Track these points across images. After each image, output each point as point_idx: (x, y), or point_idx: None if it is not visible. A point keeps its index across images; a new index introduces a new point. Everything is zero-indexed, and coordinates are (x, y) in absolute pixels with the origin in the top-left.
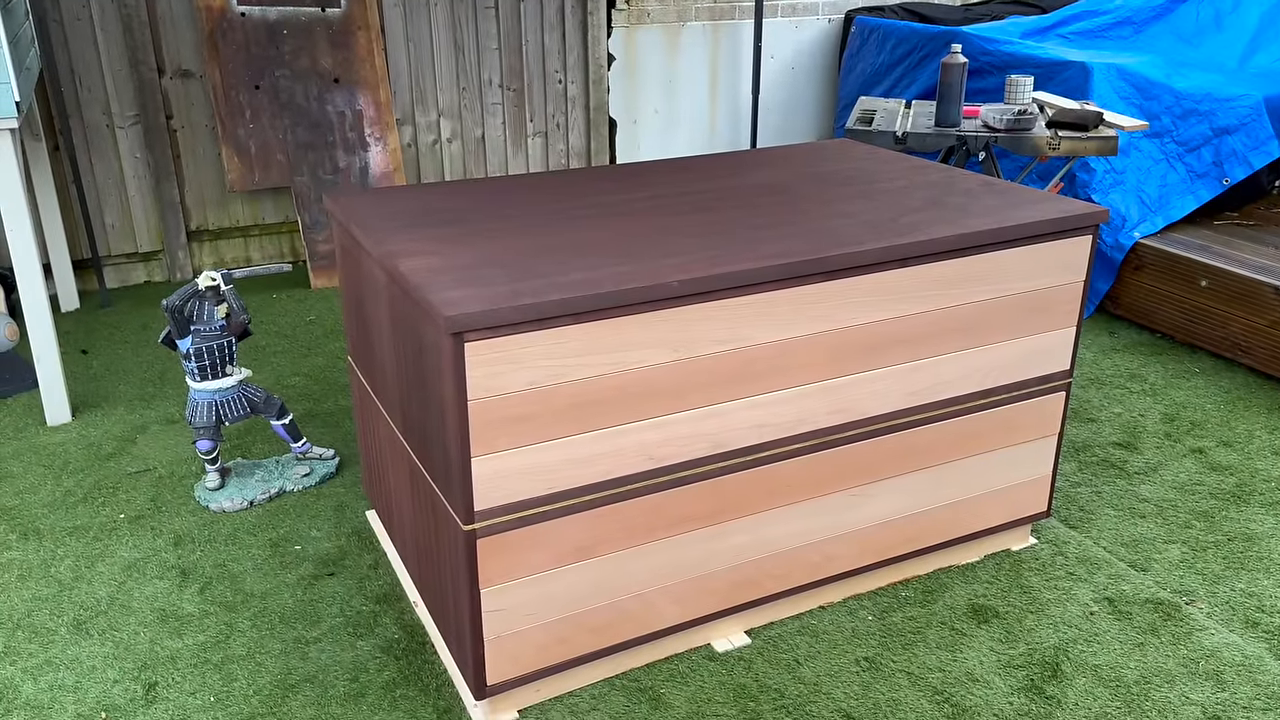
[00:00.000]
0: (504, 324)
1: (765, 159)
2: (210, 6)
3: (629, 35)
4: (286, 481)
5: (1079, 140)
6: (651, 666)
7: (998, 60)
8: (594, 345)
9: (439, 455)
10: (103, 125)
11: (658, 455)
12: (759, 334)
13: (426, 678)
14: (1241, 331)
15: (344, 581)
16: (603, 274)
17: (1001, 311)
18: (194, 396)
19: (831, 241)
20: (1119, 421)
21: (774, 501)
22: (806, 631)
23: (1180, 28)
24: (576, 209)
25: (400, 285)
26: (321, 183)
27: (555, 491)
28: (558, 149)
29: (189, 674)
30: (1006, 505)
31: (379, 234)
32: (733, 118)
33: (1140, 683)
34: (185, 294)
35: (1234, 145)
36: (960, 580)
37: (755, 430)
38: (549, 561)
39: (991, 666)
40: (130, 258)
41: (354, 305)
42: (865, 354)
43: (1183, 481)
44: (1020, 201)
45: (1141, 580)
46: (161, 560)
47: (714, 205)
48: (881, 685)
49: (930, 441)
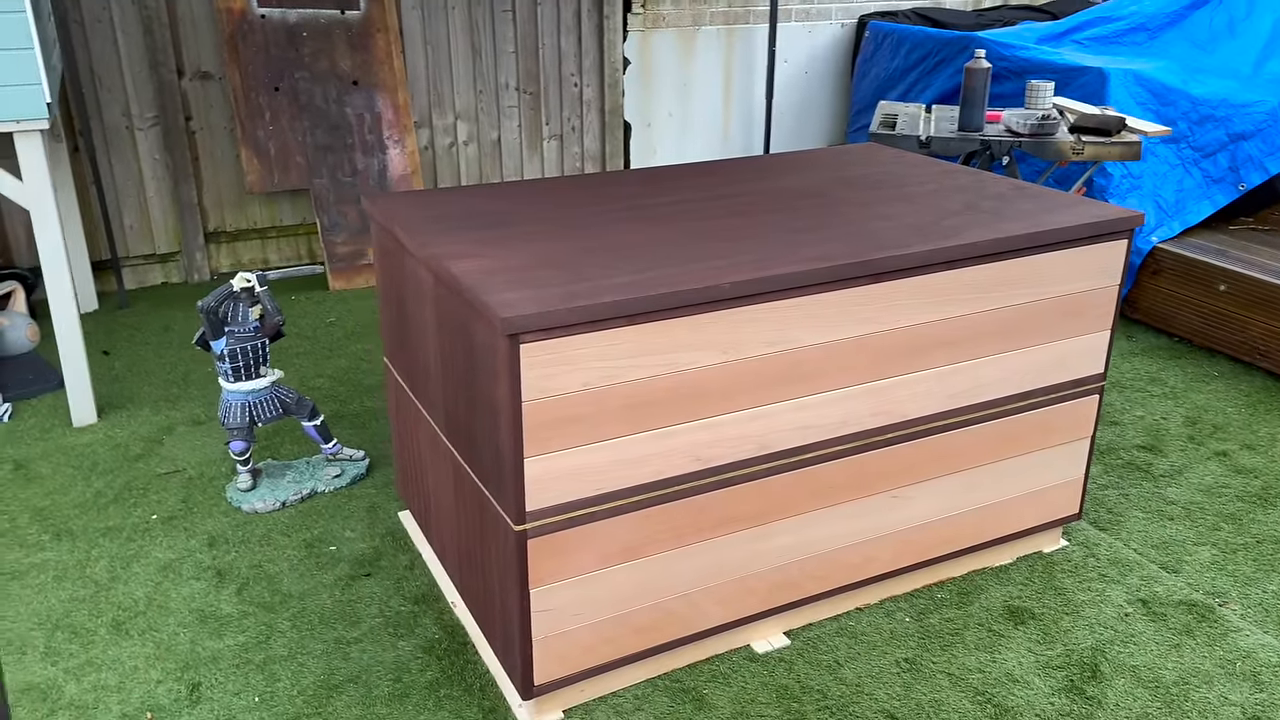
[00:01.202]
0: (559, 325)
1: (794, 163)
2: (230, 8)
3: (644, 39)
4: (318, 482)
5: (1103, 145)
6: (693, 667)
7: (1014, 65)
8: (646, 347)
9: (489, 456)
10: (122, 126)
11: (705, 456)
12: (807, 336)
13: (470, 678)
14: (1260, 335)
15: (381, 582)
16: (653, 276)
17: (1038, 315)
18: (227, 397)
19: (874, 245)
20: (1142, 425)
21: (817, 503)
22: (845, 633)
23: (1194, 34)
24: (613, 212)
25: (451, 287)
26: (340, 185)
27: (604, 492)
28: (572, 152)
29: (232, 674)
30: (1040, 507)
31: (424, 236)
32: (746, 121)
33: (1179, 683)
34: (220, 295)
35: (1250, 151)
36: (994, 582)
37: (800, 432)
38: (597, 562)
39: (1031, 667)
40: (148, 259)
41: (394, 307)
42: (908, 356)
43: (1208, 484)
44: (1055, 206)
45: (1173, 582)
46: (197, 561)
47: (749, 209)
48: (923, 686)
49: (968, 443)
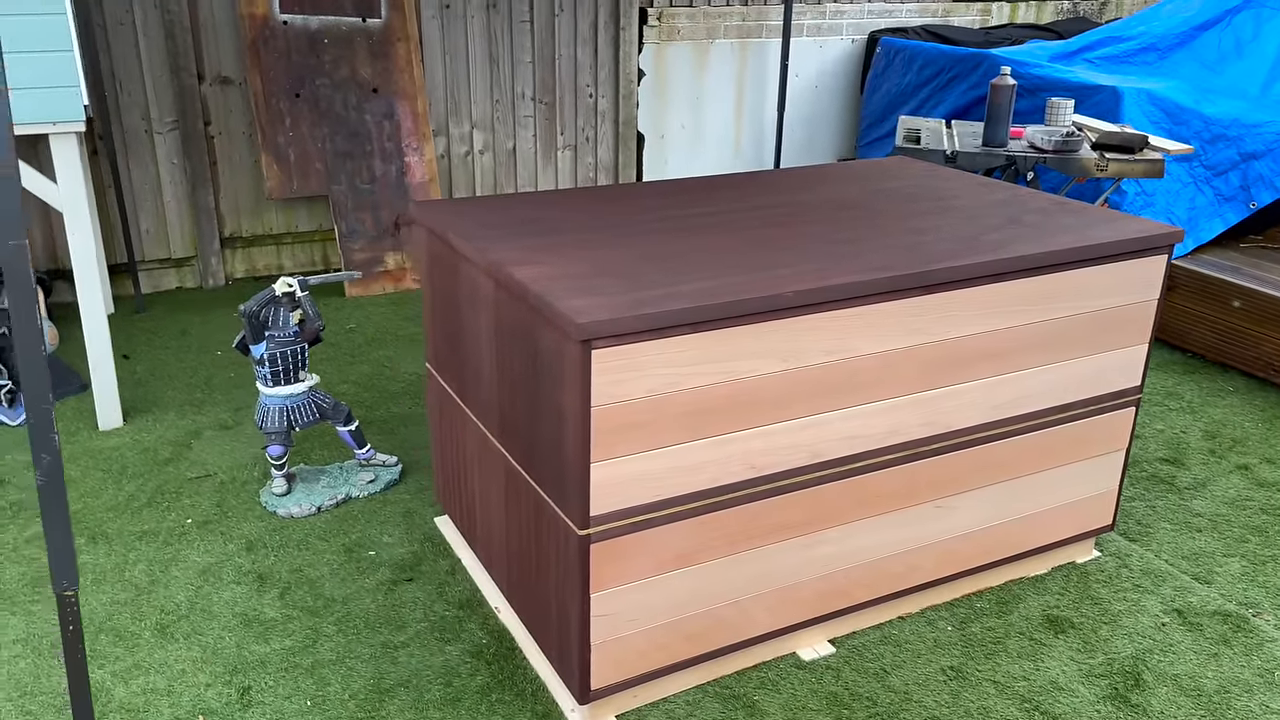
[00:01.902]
0: (629, 332)
1: (827, 175)
2: (253, 14)
3: (659, 51)
4: (352, 488)
5: (1127, 163)
6: (742, 674)
7: (1029, 83)
8: (709, 354)
9: (551, 461)
10: (141, 130)
11: (759, 464)
12: (864, 345)
13: (520, 682)
14: (1274, 352)
15: (423, 587)
16: (717, 284)
17: (1081, 328)
18: (265, 402)
19: (923, 257)
20: (1163, 438)
21: (864, 512)
22: (889, 641)
23: (1203, 55)
24: (655, 221)
25: (516, 293)
26: (358, 192)
27: (663, 499)
28: (586, 162)
29: (281, 678)
30: (1075, 517)
31: (482, 243)
32: (757, 134)
33: (1220, 692)
34: (262, 299)
35: (1261, 170)
36: (1032, 591)
37: (851, 441)
38: (653, 568)
39: (1074, 676)
40: (163, 263)
41: (442, 312)
42: (956, 367)
43: (1232, 497)
44: (1096, 221)
45: (1207, 592)
46: (236, 565)
47: (789, 220)
48: (970, 694)
49: (1010, 454)
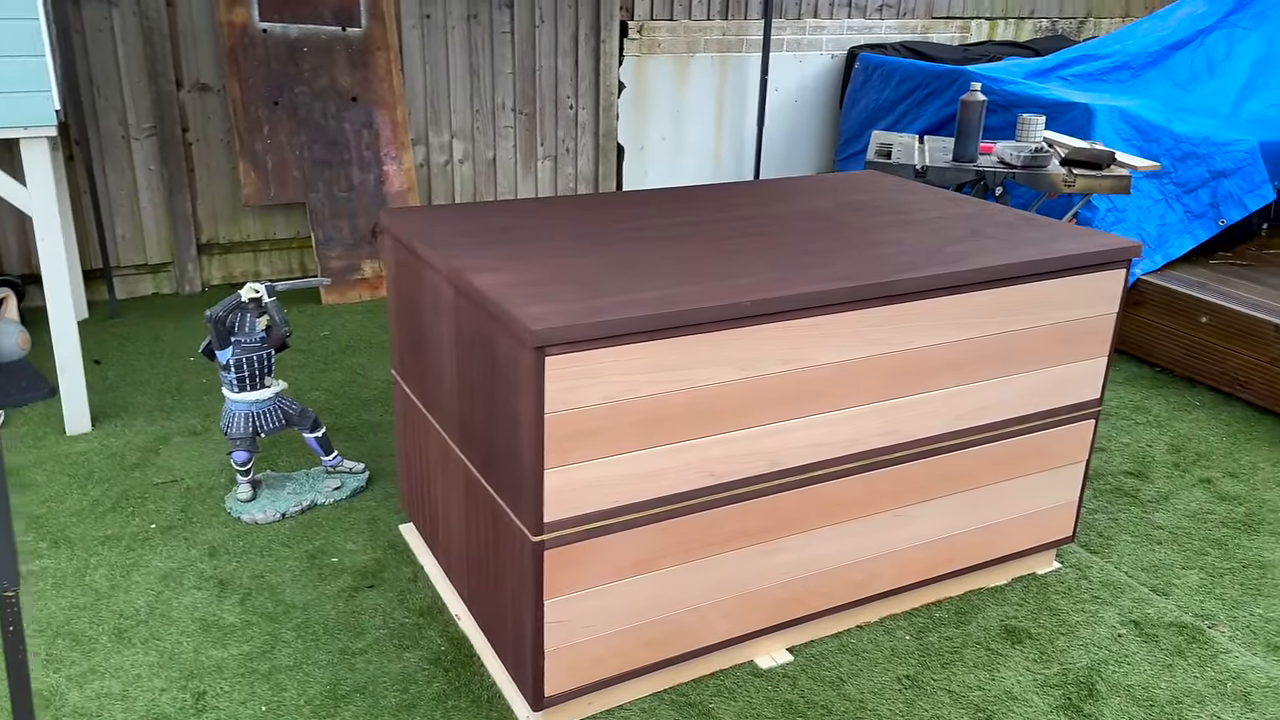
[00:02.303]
0: (583, 339)
1: (799, 188)
2: (232, 22)
3: (639, 64)
4: (318, 494)
5: (1094, 179)
6: (698, 681)
7: (1003, 99)
8: (666, 362)
9: (507, 467)
10: (118, 136)
11: (718, 472)
12: (821, 355)
13: (477, 689)
14: (1240, 367)
15: (384, 594)
16: (675, 293)
17: (1041, 340)
18: (231, 407)
19: (886, 267)
20: (1128, 451)
21: (824, 520)
22: (847, 650)
23: (1175, 73)
24: (628, 230)
25: (474, 300)
26: (335, 200)
27: (620, 505)
28: (566, 173)
29: (237, 684)
30: (1036, 529)
31: (445, 250)
32: (737, 147)
33: (1173, 703)
34: (228, 305)
35: (1230, 188)
36: (991, 602)
37: (810, 449)
38: (610, 574)
39: (1029, 685)
40: (139, 269)
41: (407, 319)
42: (916, 377)
43: (1194, 510)
44: (1059, 235)
45: (1164, 604)
46: (198, 570)
47: (760, 230)
48: (924, 703)
49: (970, 465)
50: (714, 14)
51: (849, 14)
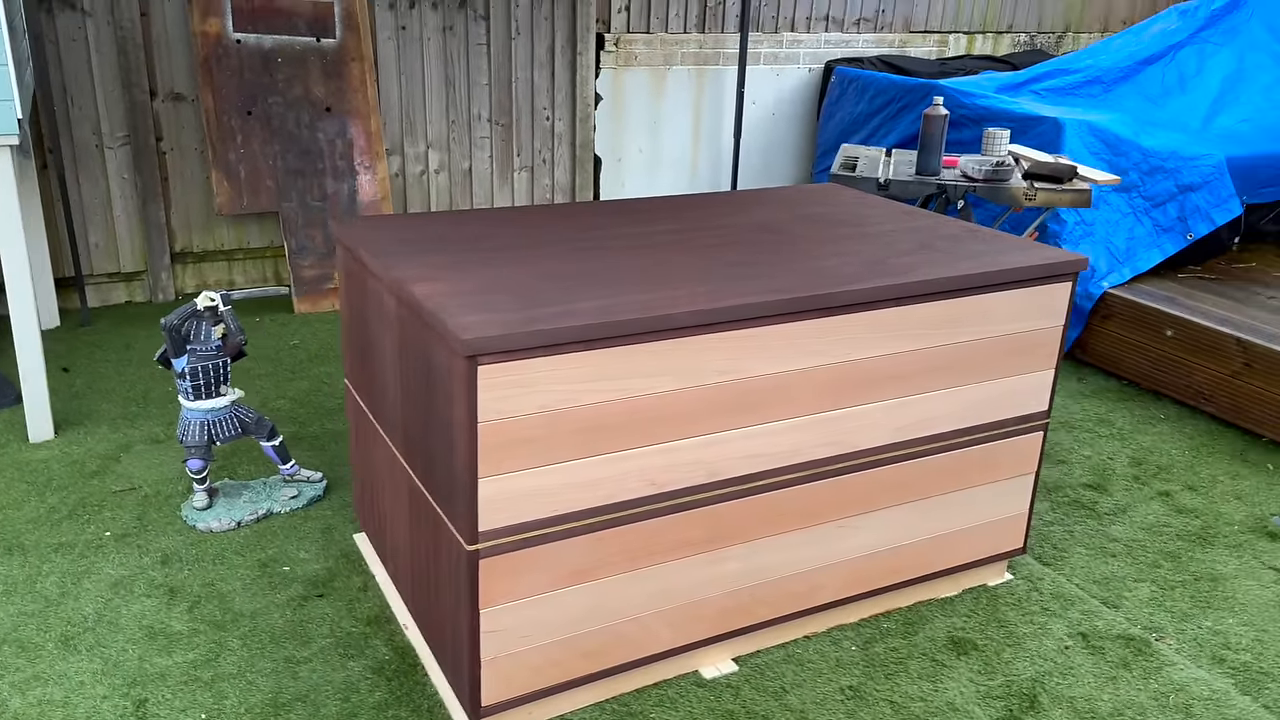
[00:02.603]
0: (517, 348)
1: (758, 199)
2: (206, 32)
3: (616, 76)
4: (274, 503)
5: (1054, 192)
6: (641, 692)
7: (974, 113)
8: (602, 372)
9: (444, 476)
10: (92, 145)
11: (659, 481)
12: (759, 366)
13: (418, 699)
14: (1204, 381)
15: (333, 603)
16: (612, 303)
17: (985, 352)
18: (186, 415)
19: (828, 279)
20: (1089, 464)
21: (767, 530)
22: (792, 660)
23: (1146, 88)
24: (579, 241)
25: (412, 309)
26: (309, 209)
27: (557, 514)
28: (543, 183)
29: (179, 691)
30: (985, 541)
31: (388, 260)
32: (714, 159)
33: (1114, 715)
34: (183, 313)
35: (1198, 202)
36: (940, 613)
37: (751, 460)
38: (548, 584)
39: (971, 697)
40: (112, 277)
41: (356, 329)
42: (857, 389)
43: (1150, 523)
44: (1005, 248)
45: (1113, 617)
46: (149, 578)
47: (712, 242)
48: (866, 713)
49: (916, 476)
50: (691, 27)
51: (826, 28)
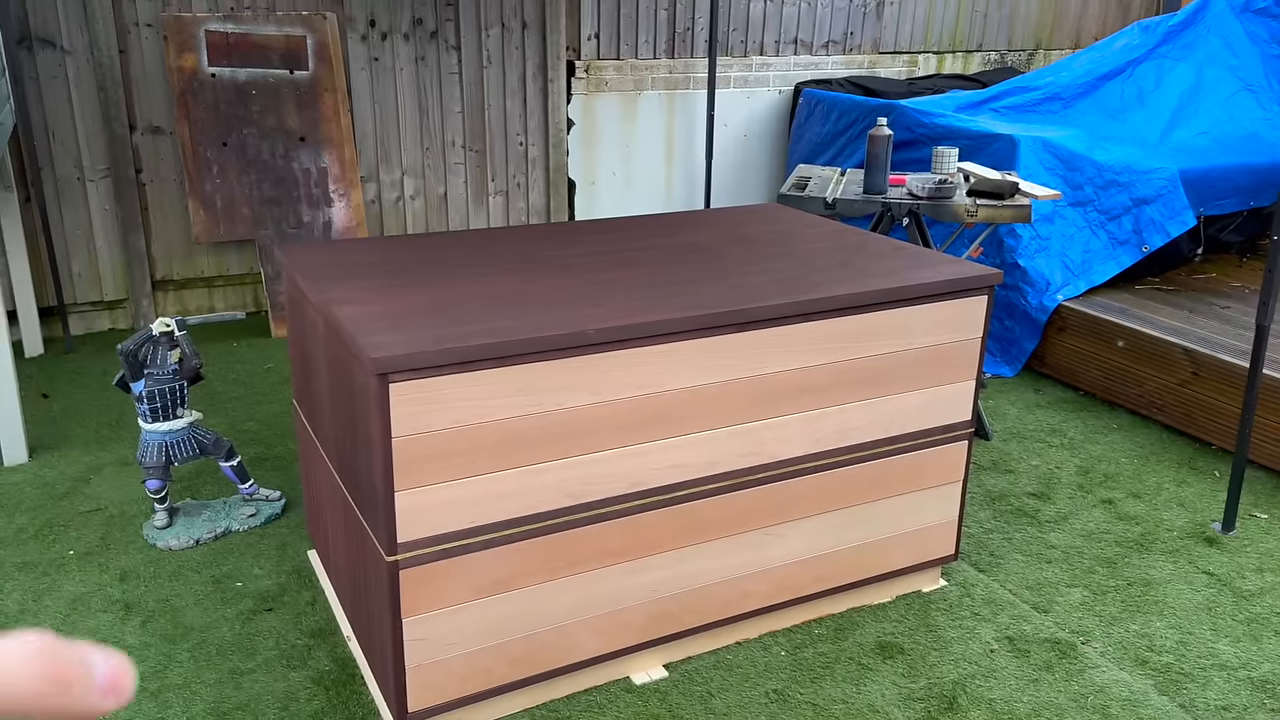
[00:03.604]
0: (427, 366)
1: (697, 220)
2: (182, 67)
3: (588, 101)
4: (233, 521)
5: (995, 208)
6: (571, 698)
7: (932, 132)
8: (514, 387)
9: (367, 490)
10: (74, 178)
11: (577, 492)
12: (672, 380)
13: (354, 707)
14: (1155, 390)
15: (281, 616)
16: (526, 322)
17: (904, 364)
18: (145, 437)
19: (742, 297)
20: (1036, 473)
21: (689, 539)
22: (722, 665)
23: (1106, 103)
24: (514, 263)
25: (334, 330)
26: (286, 236)
27: (477, 525)
28: (518, 207)
29: None
30: (915, 548)
31: (322, 283)
32: (688, 181)
33: (1031, 715)
34: (140, 339)
35: (1152, 215)
36: (871, 619)
37: (671, 470)
38: (470, 593)
39: (892, 699)
40: (96, 305)
41: (299, 352)
42: (773, 401)
43: (1090, 530)
44: (923, 264)
45: (1042, 621)
46: (106, 595)
47: (641, 262)
48: (787, 716)
49: (839, 485)
50: (660, 53)
51: (795, 51)
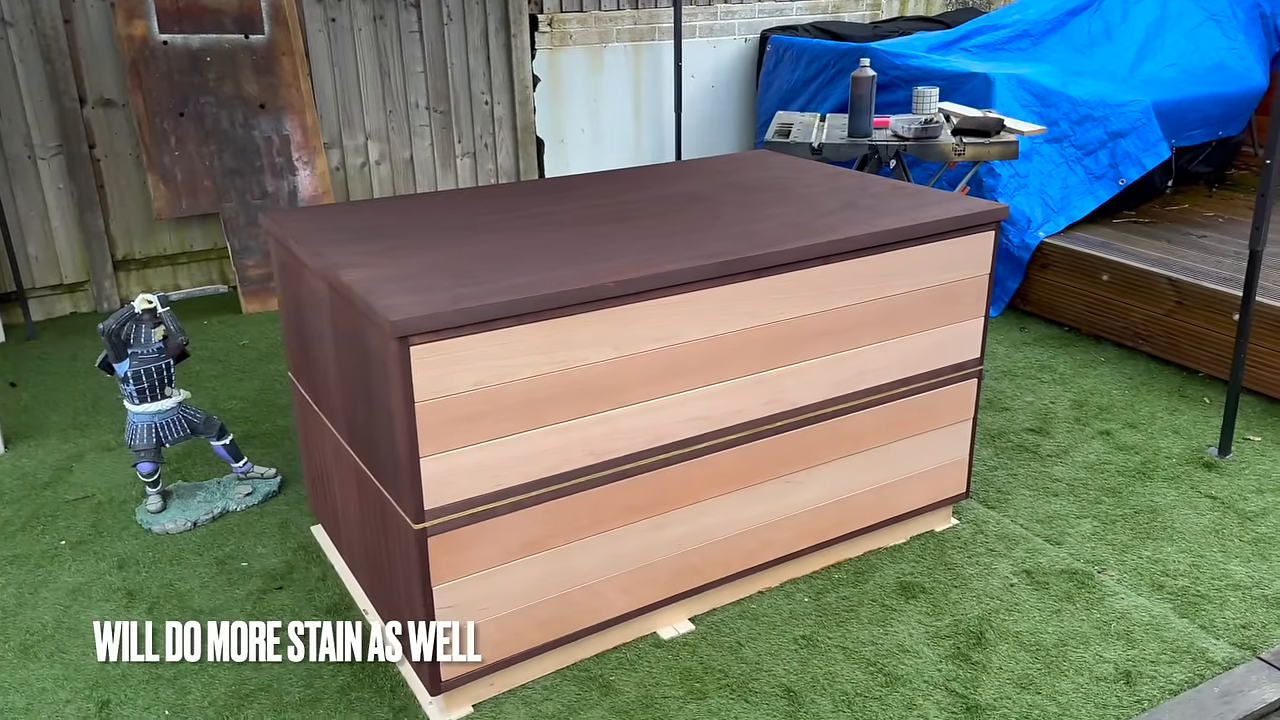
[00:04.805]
0: (447, 327)
1: (688, 170)
2: (131, 35)
3: (552, 57)
4: (229, 501)
5: (982, 146)
6: (601, 656)
7: (906, 74)
8: (536, 345)
9: (387, 458)
10: (24, 156)
11: (600, 450)
12: (691, 330)
13: (381, 680)
14: (1141, 321)
15: (293, 594)
16: (542, 278)
17: (916, 304)
18: (133, 419)
19: (755, 242)
20: (1031, 409)
21: (712, 491)
22: (747, 615)
23: (1074, 39)
24: (511, 220)
25: (343, 295)
26: (250, 208)
27: (503, 488)
28: (486, 168)
29: (142, 690)
30: (929, 487)
31: (319, 249)
32: (657, 134)
33: (1058, 645)
34: (122, 317)
35: (1127, 148)
36: (889, 561)
37: (693, 423)
38: (498, 557)
39: (920, 638)
40: (55, 289)
41: (294, 321)
42: (792, 347)
43: (1092, 461)
44: (927, 202)
45: (1056, 553)
46: (106, 583)
47: (641, 213)
48: (819, 660)
49: (856, 428)
50: (624, 4)
51: None
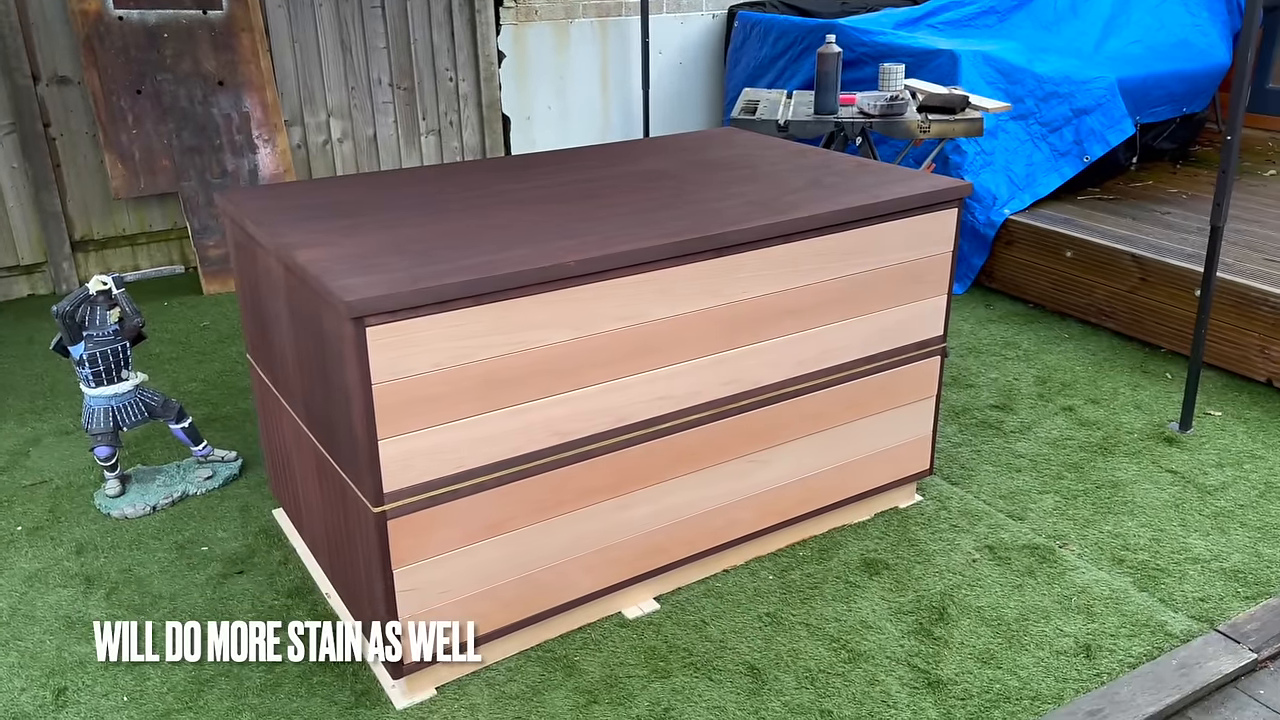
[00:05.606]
0: (404, 307)
1: (654, 147)
2: (85, 10)
3: (518, 32)
4: (189, 485)
5: (947, 123)
6: (565, 636)
7: (873, 51)
8: (495, 326)
9: (346, 441)
10: None
11: (563, 431)
12: (653, 310)
13: (342, 663)
14: (1104, 298)
15: (254, 578)
16: (501, 257)
17: (879, 282)
18: (90, 403)
19: (718, 221)
20: (995, 386)
21: (676, 470)
22: (712, 594)
23: (1040, 15)
24: (473, 199)
25: (299, 276)
26: (210, 187)
27: (463, 470)
28: (452, 146)
29: (100, 677)
30: (892, 465)
31: (275, 228)
32: (625, 111)
33: (1019, 620)
34: (76, 299)
35: (1092, 124)
36: (853, 537)
37: (656, 403)
38: (460, 539)
39: (883, 614)
40: (11, 270)
41: (251, 302)
42: (755, 326)
43: (1054, 437)
44: (891, 179)
45: (1019, 528)
46: (64, 569)
47: (605, 191)
48: (782, 638)
49: (819, 407)
50: None
51: None
